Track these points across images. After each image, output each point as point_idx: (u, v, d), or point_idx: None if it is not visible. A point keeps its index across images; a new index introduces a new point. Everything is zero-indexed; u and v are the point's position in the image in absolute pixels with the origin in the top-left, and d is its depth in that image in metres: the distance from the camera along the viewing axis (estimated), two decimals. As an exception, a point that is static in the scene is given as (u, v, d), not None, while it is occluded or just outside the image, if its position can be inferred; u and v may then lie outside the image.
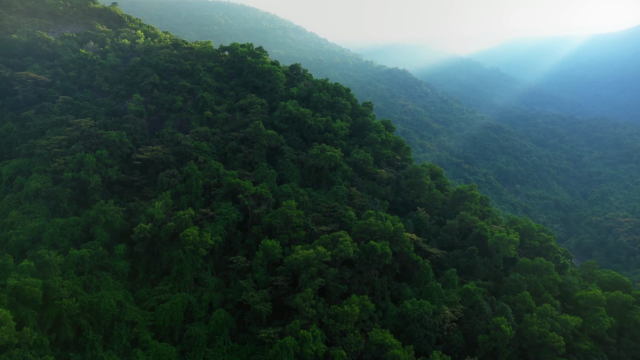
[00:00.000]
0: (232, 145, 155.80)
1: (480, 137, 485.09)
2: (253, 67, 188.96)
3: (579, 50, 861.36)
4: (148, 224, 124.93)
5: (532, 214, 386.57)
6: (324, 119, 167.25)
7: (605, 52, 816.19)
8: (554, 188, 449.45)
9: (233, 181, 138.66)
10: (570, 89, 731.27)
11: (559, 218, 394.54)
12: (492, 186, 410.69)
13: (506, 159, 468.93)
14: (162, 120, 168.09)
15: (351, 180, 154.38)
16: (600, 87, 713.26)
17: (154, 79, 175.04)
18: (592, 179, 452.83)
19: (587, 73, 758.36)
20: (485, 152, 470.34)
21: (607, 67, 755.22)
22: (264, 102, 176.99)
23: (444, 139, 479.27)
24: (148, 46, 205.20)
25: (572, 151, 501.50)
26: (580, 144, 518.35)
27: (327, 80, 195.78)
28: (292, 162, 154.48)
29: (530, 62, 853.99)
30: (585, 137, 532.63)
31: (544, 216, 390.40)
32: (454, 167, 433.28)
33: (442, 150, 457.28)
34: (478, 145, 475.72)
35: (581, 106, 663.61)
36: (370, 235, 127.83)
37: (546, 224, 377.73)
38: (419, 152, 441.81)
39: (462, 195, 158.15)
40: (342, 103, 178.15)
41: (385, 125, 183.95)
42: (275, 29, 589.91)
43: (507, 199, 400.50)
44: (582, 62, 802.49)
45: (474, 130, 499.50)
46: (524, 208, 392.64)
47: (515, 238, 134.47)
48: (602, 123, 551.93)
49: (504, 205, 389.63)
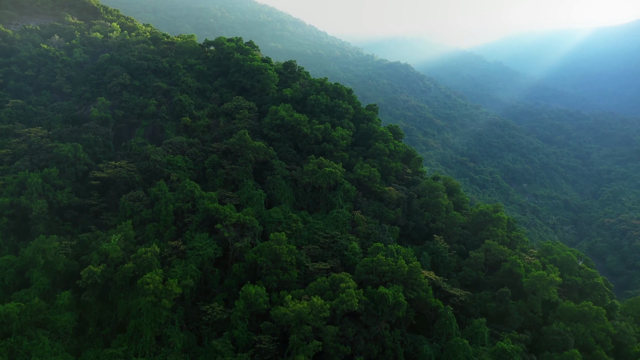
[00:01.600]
0: (212, 160, 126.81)
1: (485, 134, 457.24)
2: (240, 65, 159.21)
3: (582, 44, 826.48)
4: (100, 265, 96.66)
5: (541, 215, 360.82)
6: (322, 126, 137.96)
7: (609, 45, 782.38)
8: (562, 187, 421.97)
9: (211, 206, 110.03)
10: (574, 83, 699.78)
11: (569, 219, 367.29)
12: (498, 186, 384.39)
13: (512, 156, 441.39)
14: (132, 129, 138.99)
15: (354, 202, 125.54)
16: (605, 81, 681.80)
17: (123, 79, 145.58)
18: (602, 177, 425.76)
19: (591, 67, 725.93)
20: (491, 150, 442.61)
21: (611, 60, 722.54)
22: (252, 105, 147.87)
23: (447, 136, 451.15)
24: (122, 41, 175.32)
25: (580, 148, 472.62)
26: (588, 140, 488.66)
27: (326, 79, 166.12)
28: (284, 179, 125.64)
29: (532, 55, 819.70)
30: (593, 133, 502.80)
31: (553, 217, 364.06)
32: (458, 165, 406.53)
33: (447, 148, 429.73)
34: (483, 143, 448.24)
35: (586, 100, 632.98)
36: (378, 277, 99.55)
37: (556, 226, 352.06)
38: (422, 150, 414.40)
39: (485, 218, 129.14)
40: (343, 107, 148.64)
41: (393, 132, 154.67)
42: (274, 22, 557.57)
43: (514, 199, 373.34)
44: (585, 56, 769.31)
45: (479, 127, 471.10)
46: (533, 209, 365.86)
47: (557, 278, 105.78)
48: (609, 118, 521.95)
49: (512, 206, 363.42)
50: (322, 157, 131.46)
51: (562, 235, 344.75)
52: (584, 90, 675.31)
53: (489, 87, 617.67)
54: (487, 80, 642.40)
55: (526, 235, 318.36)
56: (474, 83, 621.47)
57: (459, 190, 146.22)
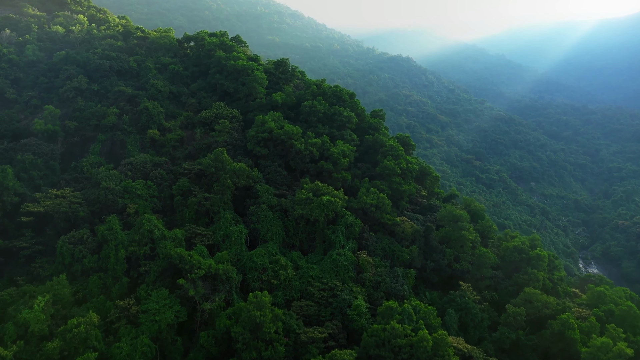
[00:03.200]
0: (182, 185, 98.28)
1: (490, 130, 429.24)
2: (223, 65, 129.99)
3: (585, 37, 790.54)
4: (15, 343, 68.89)
5: (550, 216, 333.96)
6: (319, 141, 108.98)
7: (612, 38, 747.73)
8: (571, 186, 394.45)
9: (173, 253, 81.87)
10: (577, 76, 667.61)
11: (580, 220, 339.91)
12: (506, 185, 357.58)
13: (519, 153, 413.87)
14: (86, 144, 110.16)
15: (359, 238, 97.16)
16: (609, 74, 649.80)
17: (79, 83, 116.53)
18: (612, 175, 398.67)
19: (594, 59, 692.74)
20: (497, 147, 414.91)
21: (615, 53, 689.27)
22: (235, 113, 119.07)
23: (452, 133, 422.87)
24: (87, 35, 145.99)
25: (589, 144, 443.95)
26: (596, 136, 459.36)
27: (324, 81, 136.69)
28: (271, 209, 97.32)
29: (535, 48, 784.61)
30: (601, 128, 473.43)
31: (563, 219, 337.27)
32: (464, 164, 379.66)
33: (451, 145, 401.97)
34: (488, 139, 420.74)
35: (591, 94, 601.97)
36: (393, 354, 71.89)
37: (567, 228, 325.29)
38: (425, 147, 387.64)
39: (521, 256, 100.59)
40: (344, 115, 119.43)
41: (403, 144, 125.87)
42: (271, 14, 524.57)
43: (522, 199, 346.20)
44: (588, 49, 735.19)
45: (484, 123, 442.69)
46: (542, 210, 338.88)
47: (628, 350, 77.56)
48: (617, 113, 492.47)
49: (521, 207, 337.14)
50: (318, 181, 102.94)
51: (573, 238, 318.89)
52: (588, 84, 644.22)
53: (492, 80, 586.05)
54: (490, 73, 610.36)
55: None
56: (476, 77, 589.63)
57: (483, 216, 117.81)
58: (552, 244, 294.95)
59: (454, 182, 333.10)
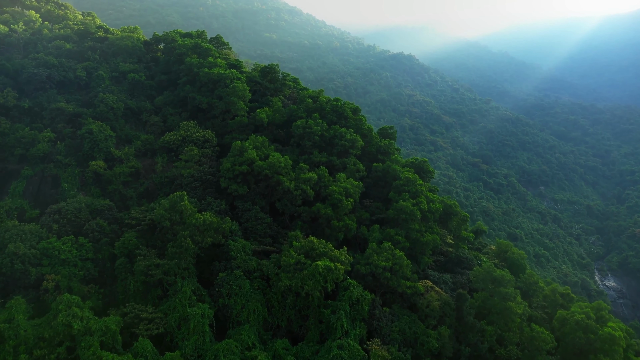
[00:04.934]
0: (126, 243, 69.60)
1: (497, 131, 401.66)
2: (195, 74, 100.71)
3: (588, 33, 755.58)
4: None
5: (562, 223, 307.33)
6: (314, 176, 79.82)
7: (616, 34, 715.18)
8: (582, 190, 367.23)
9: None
10: (581, 73, 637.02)
11: (594, 228, 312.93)
12: (515, 190, 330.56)
13: (527, 156, 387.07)
14: (7, 181, 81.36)
15: (369, 318, 68.46)
16: (614, 72, 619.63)
17: (4, 98, 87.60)
18: (625, 179, 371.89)
19: (598, 57, 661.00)
20: (504, 149, 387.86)
21: (620, 50, 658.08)
22: (209, 136, 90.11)
23: (457, 134, 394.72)
24: (34, 36, 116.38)
25: (598, 146, 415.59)
26: (606, 137, 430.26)
27: (322, 93, 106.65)
28: (248, 276, 68.72)
29: (537, 45, 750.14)
30: (610, 129, 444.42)
31: (576, 226, 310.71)
32: (470, 167, 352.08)
33: (457, 148, 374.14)
34: (495, 141, 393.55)
35: (597, 92, 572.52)
36: None
37: (580, 237, 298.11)
38: (430, 151, 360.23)
39: (588, 337, 71.53)
40: (346, 138, 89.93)
41: (419, 171, 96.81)
42: (268, 10, 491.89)
43: (533, 205, 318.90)
44: (592, 45, 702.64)
45: (490, 123, 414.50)
46: (553, 217, 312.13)
47: None
48: (627, 113, 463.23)
49: (531, 214, 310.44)
50: (314, 228, 74.33)
51: (587, 247, 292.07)
52: (593, 81, 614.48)
53: (495, 78, 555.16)
54: (493, 71, 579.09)
55: (551, 250, 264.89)
56: (480, 74, 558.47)
57: (524, 267, 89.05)
58: (567, 255, 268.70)
59: (460, 188, 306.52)
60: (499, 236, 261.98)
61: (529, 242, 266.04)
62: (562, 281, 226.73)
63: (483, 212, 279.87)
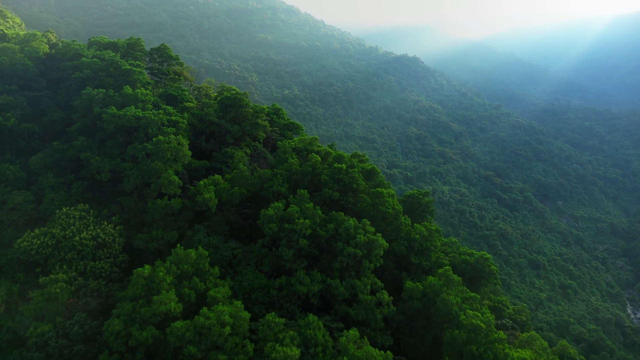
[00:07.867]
0: None
1: (509, 140, 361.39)
2: (96, 116, 58.10)
3: (596, 34, 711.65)
4: None
5: (585, 245, 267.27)
6: (295, 354, 38.33)
7: (625, 35, 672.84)
8: (603, 204, 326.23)
9: None
10: (590, 75, 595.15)
11: (620, 250, 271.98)
12: (532, 207, 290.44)
13: (543, 167, 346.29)
14: None
15: None
16: (624, 73, 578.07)
17: None
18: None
19: (607, 58, 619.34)
20: (517, 160, 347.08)
21: (629, 50, 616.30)
22: (109, 236, 48.62)
23: (466, 144, 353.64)
24: None
25: (617, 155, 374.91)
26: (624, 145, 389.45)
27: (315, 142, 62.77)
28: None
29: (542, 47, 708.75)
30: (629, 136, 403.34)
31: (600, 247, 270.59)
32: (483, 181, 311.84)
33: (467, 159, 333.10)
34: (508, 151, 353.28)
35: (607, 95, 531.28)
36: None
37: (607, 261, 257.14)
38: (439, 163, 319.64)
39: None
40: (358, 241, 46.85)
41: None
42: (264, 9, 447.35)
43: (552, 225, 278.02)
44: (599, 46, 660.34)
45: (501, 131, 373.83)
46: (576, 237, 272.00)
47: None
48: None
49: (552, 234, 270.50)
50: None
51: (615, 273, 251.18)
52: (602, 83, 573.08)
53: (503, 80, 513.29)
54: (500, 73, 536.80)
55: (577, 279, 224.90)
56: (486, 77, 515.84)
57: None
58: (594, 284, 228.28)
59: (474, 207, 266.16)
60: (519, 264, 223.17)
61: (552, 270, 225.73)
62: (593, 317, 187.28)
63: (500, 236, 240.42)
